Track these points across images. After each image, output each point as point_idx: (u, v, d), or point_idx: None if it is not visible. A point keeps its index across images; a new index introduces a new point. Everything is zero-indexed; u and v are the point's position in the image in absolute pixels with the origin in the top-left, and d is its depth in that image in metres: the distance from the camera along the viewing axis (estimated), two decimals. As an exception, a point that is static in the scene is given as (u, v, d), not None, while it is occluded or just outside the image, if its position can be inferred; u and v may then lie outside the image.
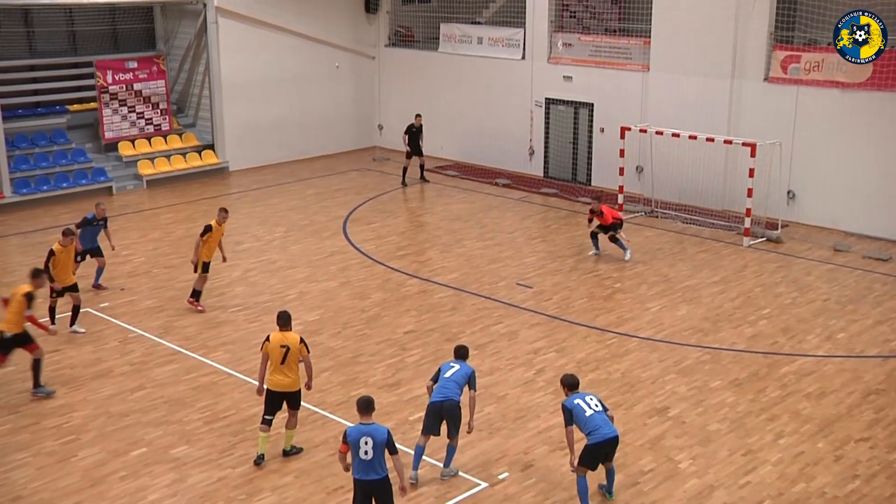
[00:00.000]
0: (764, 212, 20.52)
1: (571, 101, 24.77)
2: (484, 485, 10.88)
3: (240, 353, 14.40)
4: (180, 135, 26.27)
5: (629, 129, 21.68)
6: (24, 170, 22.99)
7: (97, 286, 17.03)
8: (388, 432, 9.18)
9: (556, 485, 10.88)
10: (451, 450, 10.95)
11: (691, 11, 21.88)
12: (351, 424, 9.60)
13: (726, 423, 12.36)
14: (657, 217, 21.89)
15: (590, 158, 24.66)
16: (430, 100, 27.65)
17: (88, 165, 24.06)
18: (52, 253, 14.70)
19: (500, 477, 11.03)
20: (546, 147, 25.56)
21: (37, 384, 12.98)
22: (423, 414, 11.09)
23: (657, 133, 21.44)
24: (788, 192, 21.22)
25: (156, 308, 16.18)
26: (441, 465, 11.07)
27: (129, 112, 25.13)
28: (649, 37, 22.95)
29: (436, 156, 27.40)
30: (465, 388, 10.77)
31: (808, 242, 20.00)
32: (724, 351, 14.64)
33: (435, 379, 10.81)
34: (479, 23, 27.17)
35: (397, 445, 9.28)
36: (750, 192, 19.72)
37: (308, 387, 11.30)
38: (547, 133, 25.46)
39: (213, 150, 26.26)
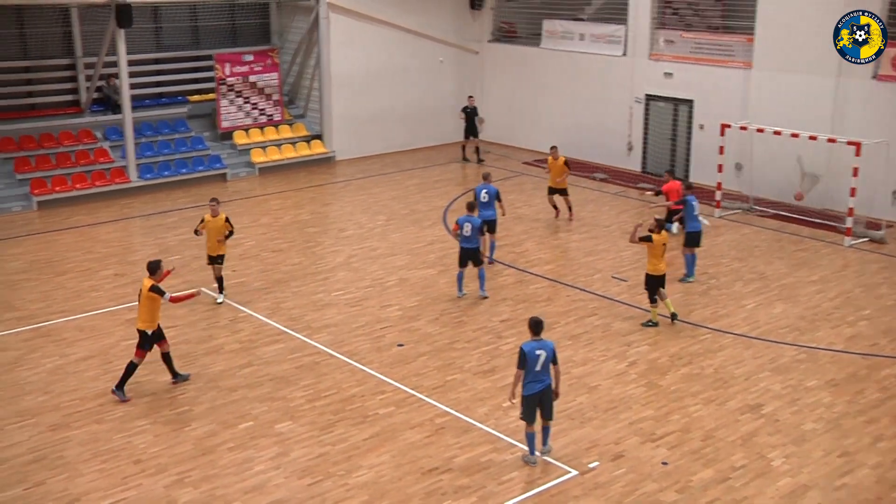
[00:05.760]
0: (867, 212, 19.68)
1: (671, 98, 24.25)
2: (574, 473, 10.77)
3: (341, 336, 14.61)
4: (291, 125, 26.79)
5: (729, 126, 21.08)
6: (148, 156, 23.84)
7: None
8: (481, 220, 15.48)
9: (646, 476, 10.69)
10: (547, 429, 11.05)
11: (798, 9, 21.13)
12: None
13: (822, 423, 11.92)
14: (755, 214, 21.25)
15: (688, 155, 24.10)
16: (531, 94, 27.50)
17: (206, 153, 24.78)
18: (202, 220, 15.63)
19: (591, 466, 10.91)
20: (644, 143, 25.09)
21: (174, 374, 12.92)
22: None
23: (758, 130, 20.79)
24: (894, 192, 20.27)
25: (264, 290, 16.56)
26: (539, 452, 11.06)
27: (245, 103, 25.77)
28: (753, 34, 22.26)
29: (536, 150, 27.26)
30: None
31: (912, 244, 19.13)
32: (821, 350, 14.11)
33: (521, 365, 10.60)
34: (581, 19, 26.83)
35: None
36: (853, 192, 18.93)
37: None
38: (646, 129, 24.99)
39: (321, 140, 26.70)
